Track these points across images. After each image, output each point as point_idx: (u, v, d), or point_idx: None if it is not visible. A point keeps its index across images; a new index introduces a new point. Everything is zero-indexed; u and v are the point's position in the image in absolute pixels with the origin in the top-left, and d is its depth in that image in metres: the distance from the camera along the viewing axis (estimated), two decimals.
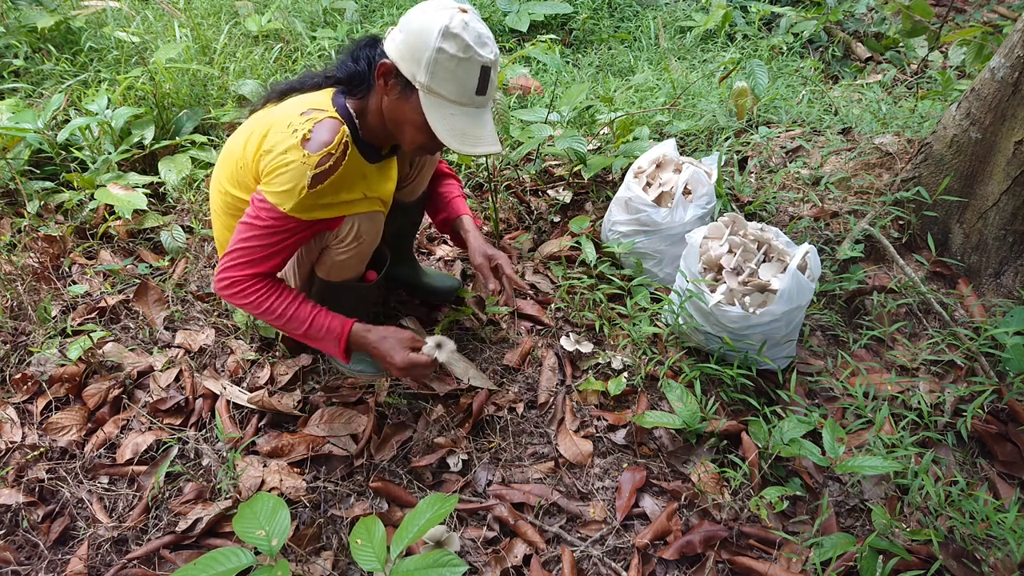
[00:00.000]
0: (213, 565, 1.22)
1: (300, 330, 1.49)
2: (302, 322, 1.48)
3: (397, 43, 1.34)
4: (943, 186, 2.02)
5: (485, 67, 1.32)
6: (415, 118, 1.36)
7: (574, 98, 2.44)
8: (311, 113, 1.38)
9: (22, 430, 1.65)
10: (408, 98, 1.35)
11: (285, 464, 1.60)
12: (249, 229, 1.41)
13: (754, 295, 1.73)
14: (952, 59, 3.35)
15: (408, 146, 1.44)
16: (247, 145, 1.45)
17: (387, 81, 1.37)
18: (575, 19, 4.01)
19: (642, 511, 1.56)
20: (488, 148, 1.37)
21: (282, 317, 1.47)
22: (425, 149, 1.44)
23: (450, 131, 1.34)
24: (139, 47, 3.12)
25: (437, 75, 1.30)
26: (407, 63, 1.32)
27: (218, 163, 1.58)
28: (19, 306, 1.95)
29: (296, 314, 1.47)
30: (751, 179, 2.42)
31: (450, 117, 1.34)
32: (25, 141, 2.39)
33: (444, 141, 1.33)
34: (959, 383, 1.81)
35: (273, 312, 1.46)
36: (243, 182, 1.49)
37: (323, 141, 1.34)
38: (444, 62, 1.28)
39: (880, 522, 1.44)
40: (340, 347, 1.51)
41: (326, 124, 1.36)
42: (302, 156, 1.33)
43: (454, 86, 1.31)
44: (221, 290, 1.45)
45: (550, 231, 2.38)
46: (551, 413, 1.77)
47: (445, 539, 1.44)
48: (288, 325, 1.48)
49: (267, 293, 1.45)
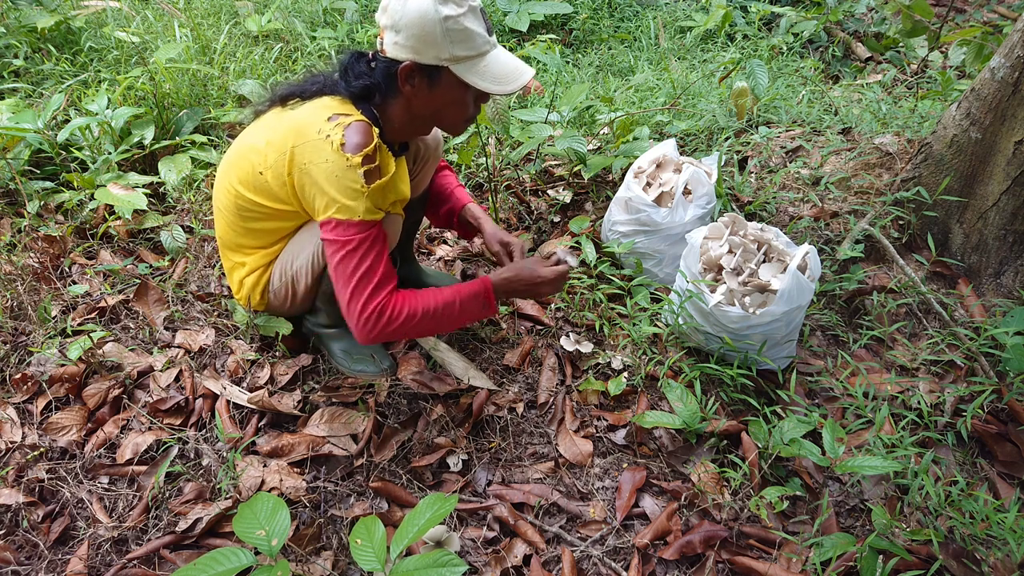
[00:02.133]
0: (213, 565, 1.22)
1: (455, 313, 1.50)
2: (450, 305, 1.49)
3: (401, 43, 1.35)
4: (943, 186, 2.02)
5: (480, 9, 1.39)
6: (452, 95, 1.42)
7: (574, 98, 2.44)
8: (338, 118, 1.39)
9: (22, 430, 1.65)
10: (437, 83, 1.40)
11: (285, 464, 1.60)
12: (349, 258, 1.40)
13: (754, 295, 1.73)
14: (952, 59, 3.35)
15: (453, 127, 1.51)
16: (268, 152, 1.43)
17: (412, 81, 1.40)
18: (575, 19, 4.01)
19: (642, 511, 1.56)
20: (527, 75, 1.43)
21: (436, 313, 1.47)
22: (468, 120, 1.51)
23: (493, 80, 1.39)
24: (139, 47, 3.13)
25: (457, 41, 1.34)
26: (425, 51, 1.35)
27: (227, 164, 1.57)
28: (19, 306, 1.95)
29: (443, 302, 1.48)
30: (751, 179, 2.42)
31: (484, 70, 1.39)
32: (25, 141, 2.39)
33: (492, 92, 1.39)
34: (959, 383, 1.81)
35: (428, 314, 1.46)
36: (262, 187, 1.48)
37: (358, 143, 1.37)
38: (454, 26, 1.33)
39: (880, 522, 1.44)
40: (491, 304, 1.54)
41: (356, 127, 1.38)
42: (345, 160, 1.35)
43: (473, 40, 1.36)
44: (371, 326, 1.42)
45: (550, 231, 2.38)
46: (551, 413, 1.77)
47: (445, 539, 1.44)
48: (443, 318, 1.49)
49: (410, 302, 1.45)
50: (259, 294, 1.68)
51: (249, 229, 1.58)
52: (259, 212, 1.53)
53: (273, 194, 1.48)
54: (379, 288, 1.42)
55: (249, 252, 1.64)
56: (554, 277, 1.58)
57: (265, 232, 1.59)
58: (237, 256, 1.66)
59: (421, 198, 1.86)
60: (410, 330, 1.47)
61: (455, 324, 1.54)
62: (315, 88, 1.49)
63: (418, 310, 1.45)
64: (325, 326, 1.79)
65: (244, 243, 1.62)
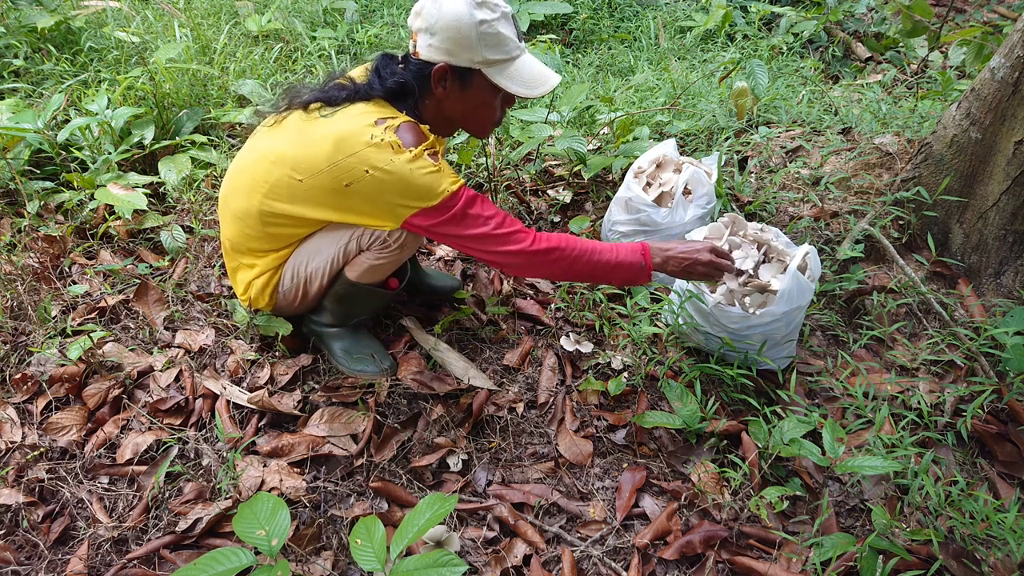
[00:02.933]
0: (213, 565, 1.22)
1: (610, 261, 1.49)
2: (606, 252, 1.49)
3: (436, 45, 1.39)
4: (943, 186, 2.02)
5: (512, 15, 1.44)
6: (483, 97, 1.47)
7: (574, 98, 2.44)
8: (385, 122, 1.41)
9: (22, 430, 1.65)
10: (469, 85, 1.45)
11: (285, 464, 1.60)
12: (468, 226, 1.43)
13: (754, 296, 1.73)
14: (952, 59, 3.35)
15: (482, 130, 1.57)
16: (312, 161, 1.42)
17: (444, 83, 1.44)
18: (575, 19, 4.01)
19: (642, 511, 1.56)
20: (555, 79, 1.48)
21: (590, 253, 1.48)
22: (496, 123, 1.56)
23: (523, 84, 1.44)
24: (139, 47, 3.13)
25: (490, 45, 1.39)
26: (459, 54, 1.39)
27: (247, 169, 1.54)
28: (19, 306, 1.95)
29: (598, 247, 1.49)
30: (751, 179, 2.42)
31: (515, 74, 1.44)
32: (25, 141, 2.39)
33: (523, 95, 1.44)
34: (959, 383, 1.81)
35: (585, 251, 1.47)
36: (299, 196, 1.47)
37: (412, 140, 1.40)
38: (488, 30, 1.37)
39: (880, 522, 1.44)
40: (647, 265, 1.52)
41: (405, 127, 1.41)
42: (408, 155, 1.37)
43: (505, 45, 1.41)
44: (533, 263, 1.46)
45: (550, 231, 2.38)
46: (551, 413, 1.77)
47: (445, 539, 1.44)
48: (598, 263, 1.49)
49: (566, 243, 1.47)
50: (267, 295, 1.68)
51: (269, 234, 1.58)
52: (286, 219, 1.53)
53: (313, 202, 1.47)
54: (513, 228, 1.44)
55: (262, 255, 1.64)
56: (709, 261, 1.55)
57: (284, 236, 1.59)
58: (247, 259, 1.66)
59: None
60: (566, 267, 1.48)
61: (607, 276, 1.53)
62: (344, 95, 1.48)
63: (574, 248, 1.47)
64: (327, 325, 1.79)
65: (259, 247, 1.62)
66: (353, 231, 1.55)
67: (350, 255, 1.59)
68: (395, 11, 3.92)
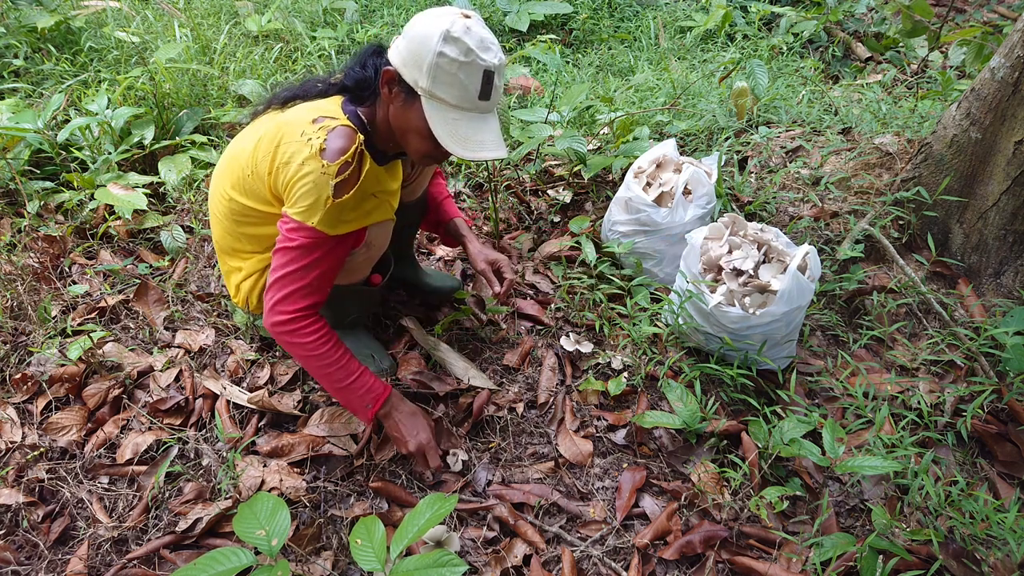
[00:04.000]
0: (213, 565, 1.22)
1: (344, 382, 1.45)
2: (349, 374, 1.45)
3: (400, 50, 1.33)
4: (943, 186, 2.02)
5: (488, 71, 1.30)
6: (419, 125, 1.34)
7: (574, 98, 2.44)
8: (323, 121, 1.36)
9: (22, 430, 1.65)
10: (412, 105, 1.34)
11: (285, 464, 1.60)
12: (285, 254, 1.38)
13: (754, 296, 1.73)
14: (952, 59, 3.35)
15: (414, 155, 1.43)
16: (256, 153, 1.43)
17: (391, 89, 1.37)
18: (575, 19, 4.01)
19: (642, 511, 1.56)
20: (492, 153, 1.35)
21: (333, 365, 1.43)
22: (431, 157, 1.42)
23: (452, 136, 1.32)
24: (139, 47, 3.12)
25: (438, 79, 1.28)
26: (409, 69, 1.31)
27: (220, 168, 1.57)
28: (19, 306, 1.95)
29: (347, 365, 1.45)
30: (751, 179, 2.42)
31: (452, 122, 1.32)
32: (25, 141, 2.39)
33: (445, 146, 1.32)
34: (959, 383, 1.81)
35: (327, 358, 1.42)
36: (252, 190, 1.47)
37: (339, 148, 1.33)
38: (445, 66, 1.27)
39: (880, 522, 1.44)
40: (375, 407, 1.49)
41: (340, 131, 1.35)
42: (321, 167, 1.32)
43: (456, 91, 1.30)
44: (278, 327, 1.41)
45: (550, 231, 2.38)
46: (551, 413, 1.77)
47: (445, 539, 1.44)
48: (335, 375, 1.44)
49: (325, 337, 1.42)
50: (256, 298, 1.68)
51: (244, 234, 1.57)
52: (251, 216, 1.52)
53: (259, 195, 1.46)
54: (299, 296, 1.39)
55: (245, 257, 1.63)
56: (416, 449, 1.50)
57: (259, 237, 1.57)
58: (233, 261, 1.65)
59: (419, 201, 1.86)
60: (307, 358, 1.43)
61: (336, 392, 1.49)
62: (316, 91, 1.48)
63: (322, 350, 1.41)
64: None
65: (240, 248, 1.61)
66: None
67: None
68: (395, 11, 3.92)
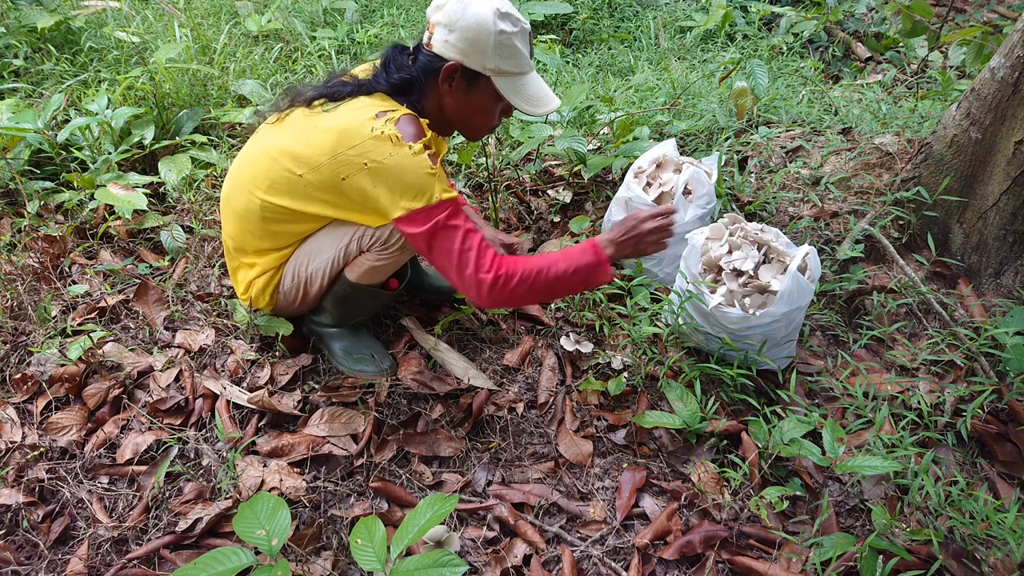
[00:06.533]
0: (213, 565, 1.22)
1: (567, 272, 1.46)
2: (560, 262, 1.46)
3: (452, 43, 1.40)
4: (943, 186, 2.02)
5: (529, 32, 1.46)
6: (485, 104, 1.48)
7: (574, 98, 2.44)
8: (385, 114, 1.40)
9: (22, 430, 1.65)
10: (476, 88, 1.46)
11: (285, 464, 1.60)
12: (444, 240, 1.41)
13: (754, 296, 1.73)
14: (952, 59, 3.35)
15: (475, 134, 1.59)
16: (311, 157, 1.42)
17: (451, 81, 1.45)
18: (575, 19, 4.01)
19: (642, 511, 1.56)
20: (555, 102, 1.51)
21: (548, 273, 1.45)
22: (491, 130, 1.59)
23: (525, 100, 1.47)
24: (139, 47, 3.12)
25: (504, 56, 1.41)
26: (473, 57, 1.40)
27: (248, 166, 1.55)
28: (19, 306, 1.95)
29: (552, 262, 1.46)
30: (751, 179, 2.42)
31: (522, 89, 1.47)
32: (25, 141, 2.39)
33: (525, 111, 1.47)
34: (959, 383, 1.81)
35: (542, 273, 1.44)
36: (299, 191, 1.47)
37: (413, 133, 1.40)
38: (506, 41, 1.40)
39: (880, 522, 1.44)
40: (603, 262, 1.49)
41: (405, 119, 1.42)
42: (407, 149, 1.37)
43: (518, 59, 1.44)
44: (496, 292, 1.42)
45: (550, 231, 2.38)
46: (551, 413, 1.77)
47: (445, 539, 1.44)
48: (556, 279, 1.46)
49: (521, 263, 1.44)
50: (268, 295, 1.68)
51: (270, 231, 1.57)
52: (286, 215, 1.53)
53: (312, 197, 1.47)
54: (483, 255, 1.42)
55: (263, 254, 1.64)
56: (652, 229, 1.51)
57: (285, 234, 1.59)
58: (248, 258, 1.66)
59: None
60: (528, 291, 1.45)
61: (569, 286, 1.49)
62: (348, 90, 1.48)
63: (532, 269, 1.44)
64: (327, 325, 1.80)
65: (260, 246, 1.62)
66: (354, 232, 1.55)
67: (350, 256, 1.59)
68: (395, 11, 3.92)
